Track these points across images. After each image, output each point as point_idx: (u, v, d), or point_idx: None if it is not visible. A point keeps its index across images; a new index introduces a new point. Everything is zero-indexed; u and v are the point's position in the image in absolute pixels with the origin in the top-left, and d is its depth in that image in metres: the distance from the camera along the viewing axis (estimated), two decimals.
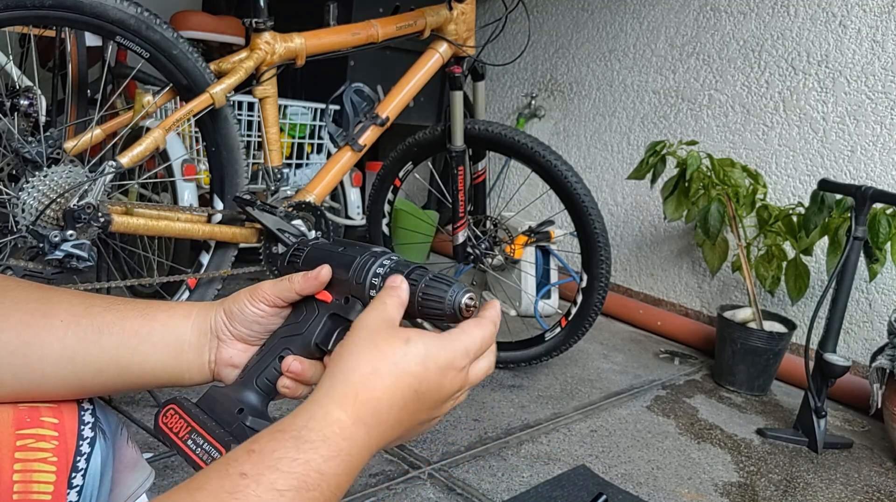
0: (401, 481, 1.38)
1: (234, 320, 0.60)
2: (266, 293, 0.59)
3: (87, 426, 0.55)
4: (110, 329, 0.55)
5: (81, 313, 0.55)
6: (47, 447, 0.51)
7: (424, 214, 2.83)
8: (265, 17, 1.51)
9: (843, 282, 1.77)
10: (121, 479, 0.58)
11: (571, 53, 2.86)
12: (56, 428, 0.53)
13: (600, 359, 2.22)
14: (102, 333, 0.55)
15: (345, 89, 2.39)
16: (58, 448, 0.52)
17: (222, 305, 0.60)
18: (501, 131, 1.84)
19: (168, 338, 0.57)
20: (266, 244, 1.61)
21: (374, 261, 0.57)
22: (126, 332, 0.56)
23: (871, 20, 2.10)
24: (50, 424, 0.52)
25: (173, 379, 0.58)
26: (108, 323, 0.55)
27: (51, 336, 0.53)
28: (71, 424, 0.54)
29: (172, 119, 1.42)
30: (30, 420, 0.52)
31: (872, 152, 2.11)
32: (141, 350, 0.56)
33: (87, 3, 1.29)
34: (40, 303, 0.54)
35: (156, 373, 0.57)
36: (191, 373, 0.59)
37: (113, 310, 0.56)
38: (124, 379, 0.56)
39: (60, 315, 0.54)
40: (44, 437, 0.52)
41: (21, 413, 0.52)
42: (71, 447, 0.53)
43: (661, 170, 2.16)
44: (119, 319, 0.56)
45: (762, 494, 1.53)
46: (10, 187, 1.29)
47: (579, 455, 1.59)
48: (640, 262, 2.68)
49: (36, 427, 0.52)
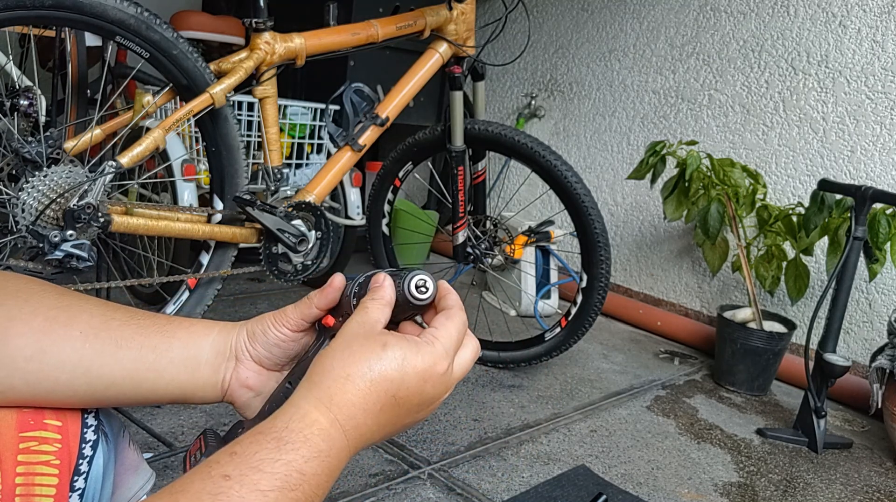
0: (401, 481, 1.38)
1: (255, 341, 0.60)
2: (290, 316, 0.60)
3: (90, 429, 0.55)
4: (129, 343, 0.55)
5: (101, 325, 0.55)
6: (50, 450, 0.51)
7: (424, 214, 2.83)
8: (265, 17, 1.51)
9: (843, 282, 1.77)
10: (122, 482, 0.58)
11: (571, 53, 2.86)
12: (59, 430, 0.52)
13: (600, 359, 2.22)
14: (120, 347, 0.55)
15: (345, 89, 2.39)
16: (60, 451, 0.52)
17: (245, 326, 0.60)
18: (501, 131, 1.84)
19: (186, 355, 0.57)
20: (266, 244, 1.61)
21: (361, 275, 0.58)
22: (144, 348, 0.55)
23: (871, 20, 2.10)
24: (53, 427, 0.52)
25: (185, 396, 0.58)
26: (127, 337, 0.55)
27: (68, 346, 0.53)
28: (74, 427, 0.54)
29: (172, 119, 1.42)
30: (33, 422, 0.52)
31: (872, 152, 2.11)
32: (157, 366, 0.56)
33: (87, 3, 1.29)
34: (61, 310, 0.54)
35: (169, 390, 0.57)
36: (204, 392, 0.59)
37: (132, 325, 0.56)
38: (136, 394, 0.56)
39: (80, 325, 0.54)
40: (47, 440, 0.52)
41: (24, 415, 0.52)
42: (74, 450, 0.53)
43: (661, 170, 2.16)
44: (138, 334, 0.56)
45: (762, 494, 1.53)
46: (10, 187, 1.29)
47: (579, 455, 1.59)
48: (640, 262, 2.68)
49: (39, 429, 0.52)
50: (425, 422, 1.63)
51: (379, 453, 1.47)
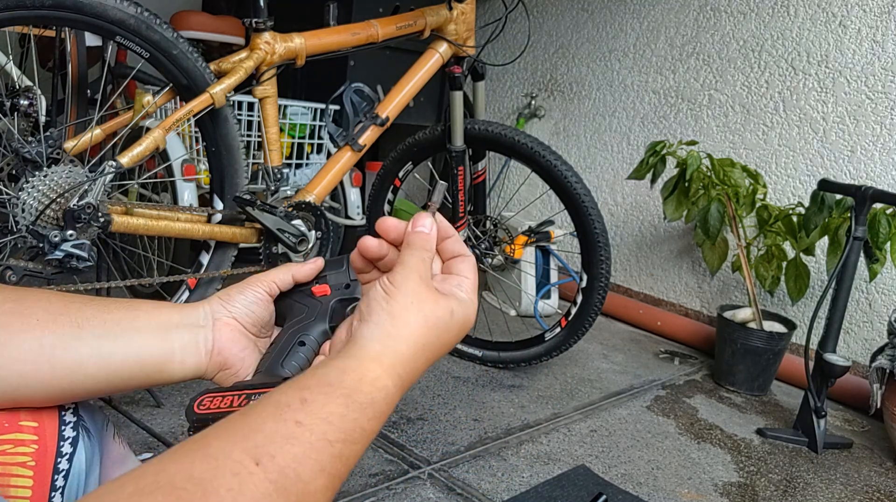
0: (401, 481, 1.38)
1: (232, 301, 0.61)
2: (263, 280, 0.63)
3: (69, 426, 0.54)
4: (90, 321, 0.54)
5: (59, 310, 0.54)
6: (26, 451, 0.51)
7: None
8: (265, 17, 1.51)
9: (843, 282, 1.77)
10: (109, 475, 0.58)
11: (571, 53, 2.86)
12: (35, 431, 0.52)
13: (600, 359, 2.22)
14: (82, 328, 0.54)
15: (345, 89, 2.39)
16: (37, 452, 0.51)
17: (216, 294, 0.62)
18: (501, 131, 1.84)
19: (153, 322, 0.57)
20: (266, 244, 1.61)
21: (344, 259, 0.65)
22: (107, 324, 0.55)
23: (871, 20, 2.10)
24: (29, 428, 0.52)
25: (161, 365, 0.57)
26: (88, 316, 0.54)
27: (28, 335, 0.52)
28: (51, 426, 0.53)
29: (172, 119, 1.42)
30: (8, 425, 0.51)
31: (872, 152, 2.11)
32: (123, 337, 0.55)
33: (87, 3, 1.29)
34: (15, 303, 0.53)
35: (141, 359, 0.56)
36: (182, 355, 0.58)
37: (92, 305, 0.56)
38: (107, 374, 0.54)
39: (37, 314, 0.53)
40: (23, 442, 0.51)
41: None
42: (51, 449, 0.52)
43: (661, 170, 2.16)
44: (99, 312, 0.55)
45: (762, 494, 1.53)
46: (10, 187, 1.29)
47: (579, 455, 1.59)
48: (640, 262, 2.68)
49: (14, 432, 0.51)
50: (425, 422, 1.63)
51: (379, 453, 1.47)
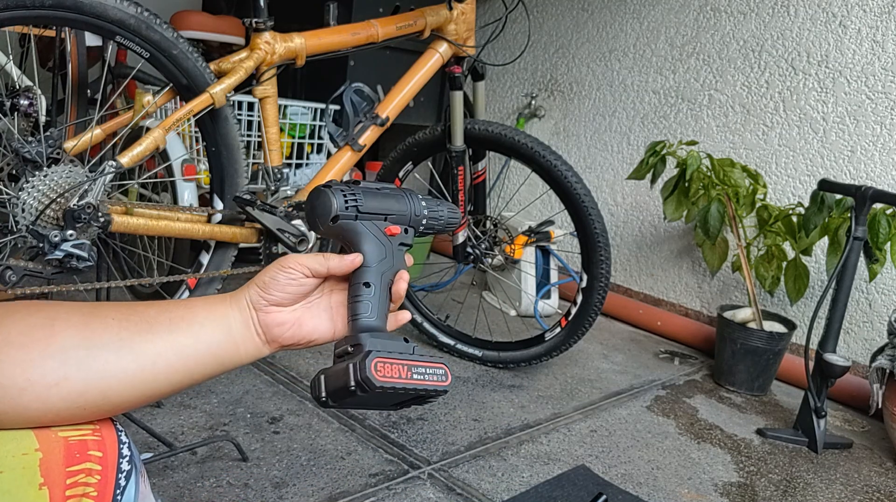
0: (401, 481, 1.38)
1: (268, 289, 0.67)
2: (297, 263, 0.68)
3: (125, 459, 0.56)
4: (157, 319, 0.62)
5: (128, 312, 0.61)
6: (91, 481, 0.53)
7: None
8: (265, 16, 1.51)
9: (843, 282, 1.77)
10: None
11: (571, 53, 2.86)
12: (100, 461, 0.54)
13: (600, 359, 2.22)
14: (152, 324, 0.61)
15: (345, 89, 2.39)
16: (100, 482, 0.54)
17: (252, 282, 0.69)
18: (501, 131, 1.84)
19: (212, 317, 0.65)
20: (266, 244, 1.61)
21: (417, 202, 0.76)
22: (173, 320, 0.62)
23: (871, 20, 2.10)
24: (96, 458, 0.54)
25: (229, 353, 0.65)
26: (153, 316, 0.62)
27: (107, 332, 0.58)
28: (112, 457, 0.56)
29: (172, 119, 1.42)
30: (79, 456, 0.54)
31: (872, 152, 2.11)
32: (191, 331, 0.63)
33: (87, 3, 1.29)
34: (91, 308, 0.60)
35: (211, 349, 0.64)
36: (245, 346, 0.67)
37: (154, 307, 0.63)
38: (185, 364, 0.62)
39: (111, 314, 0.60)
40: (91, 472, 0.53)
41: (71, 448, 0.53)
42: (111, 480, 0.55)
43: (661, 170, 2.16)
44: (161, 312, 0.62)
45: (762, 494, 1.53)
46: (10, 187, 1.29)
47: (579, 455, 1.59)
48: (640, 262, 2.68)
49: (84, 461, 0.54)
50: (425, 422, 1.63)
51: (379, 453, 1.47)
